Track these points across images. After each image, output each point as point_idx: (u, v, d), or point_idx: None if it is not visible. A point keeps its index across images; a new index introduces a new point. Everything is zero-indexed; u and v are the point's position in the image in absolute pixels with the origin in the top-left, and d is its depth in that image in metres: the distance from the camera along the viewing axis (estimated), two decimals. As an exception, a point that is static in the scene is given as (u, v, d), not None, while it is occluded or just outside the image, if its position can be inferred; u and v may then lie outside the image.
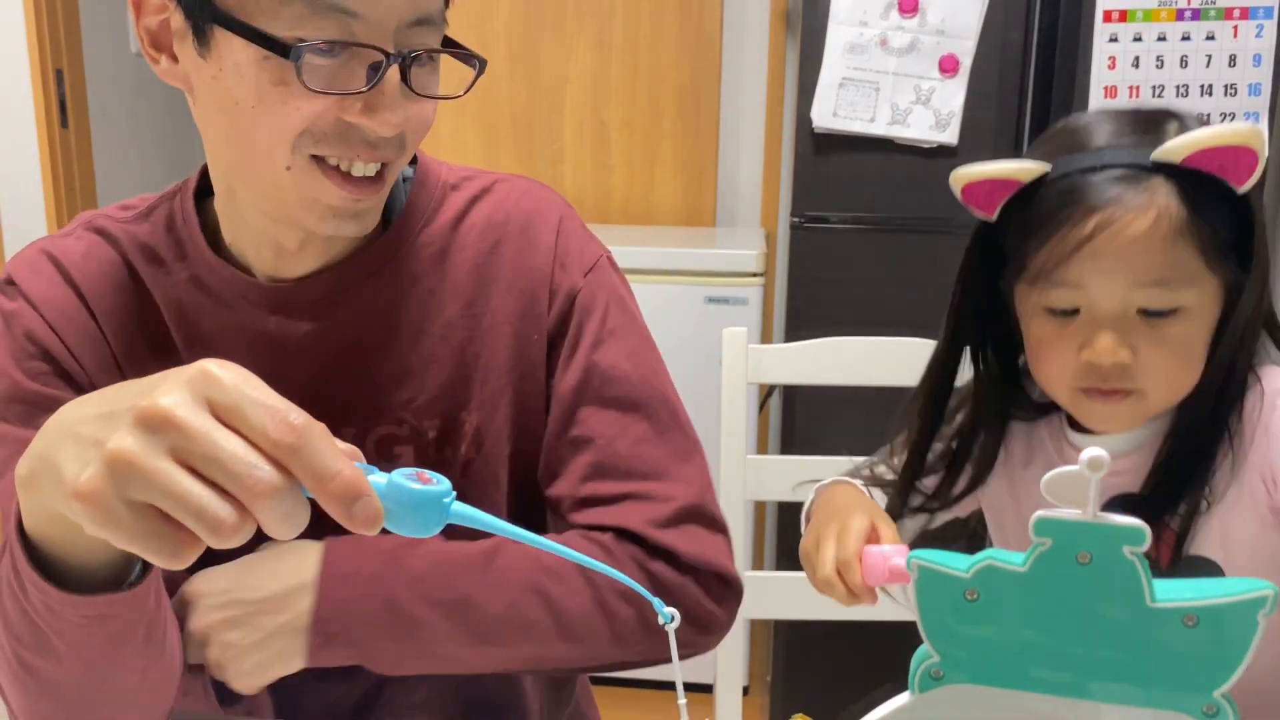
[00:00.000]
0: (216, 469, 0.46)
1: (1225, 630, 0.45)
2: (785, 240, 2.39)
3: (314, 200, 0.73)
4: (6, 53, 2.57)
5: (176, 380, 0.48)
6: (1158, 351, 0.80)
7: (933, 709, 0.49)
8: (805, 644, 2.03)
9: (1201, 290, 0.80)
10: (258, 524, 0.47)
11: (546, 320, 0.84)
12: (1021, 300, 0.86)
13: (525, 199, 0.87)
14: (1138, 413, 0.83)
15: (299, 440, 0.47)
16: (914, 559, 0.47)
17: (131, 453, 0.46)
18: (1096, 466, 0.42)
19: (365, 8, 0.68)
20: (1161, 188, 0.78)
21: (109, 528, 0.47)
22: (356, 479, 0.47)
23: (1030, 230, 0.81)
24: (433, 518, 0.48)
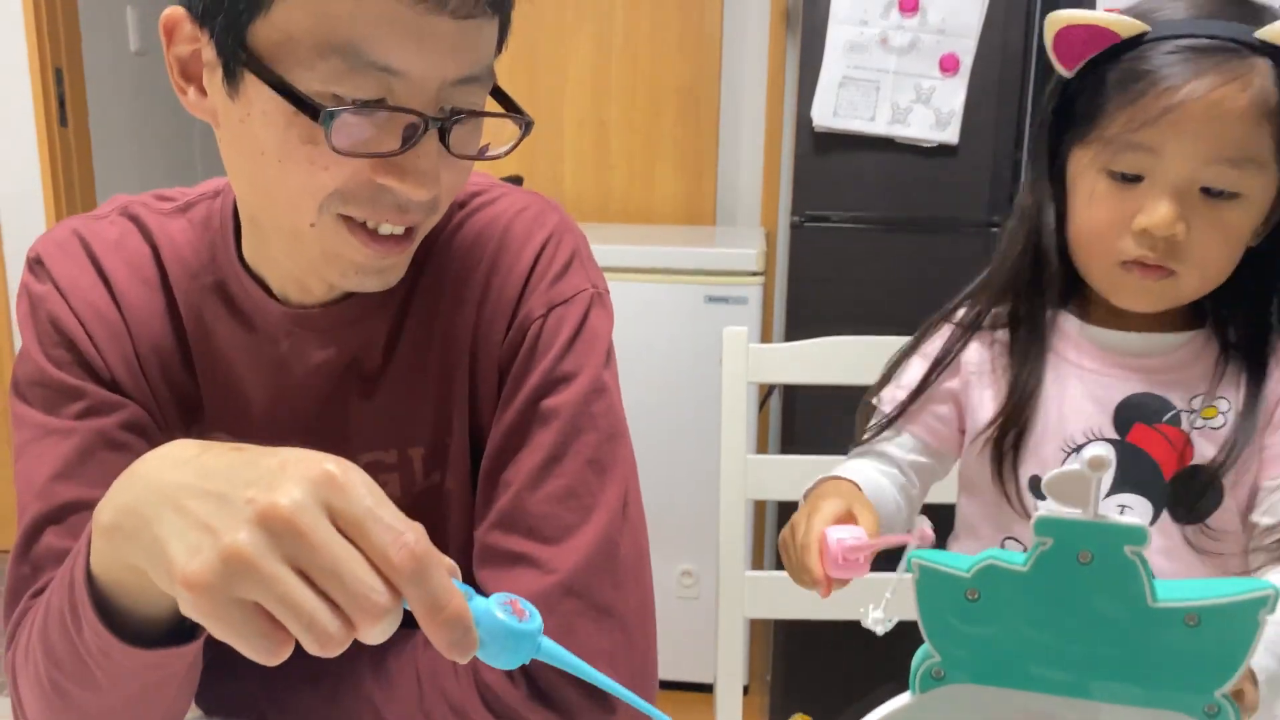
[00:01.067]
0: (334, 584, 0.46)
1: (1227, 630, 0.45)
2: (785, 239, 2.39)
3: (337, 255, 0.69)
4: (6, 52, 2.57)
5: (300, 478, 0.47)
6: (1209, 234, 0.80)
7: (933, 709, 0.49)
8: (805, 643, 2.03)
9: (1265, 180, 0.80)
10: None
11: (499, 348, 0.79)
12: (1081, 164, 0.85)
13: (520, 217, 0.81)
14: (1170, 295, 0.83)
15: (419, 569, 0.46)
16: (914, 559, 0.47)
17: (251, 555, 0.46)
18: (1098, 466, 0.42)
19: (409, 65, 0.63)
20: (1260, 66, 0.77)
21: (212, 620, 0.47)
22: (464, 612, 0.47)
23: (1115, 89, 0.80)
24: (521, 652, 0.49)
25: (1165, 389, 0.87)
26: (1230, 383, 0.86)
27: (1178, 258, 0.81)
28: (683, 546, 2.15)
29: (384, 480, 0.81)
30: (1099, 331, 0.90)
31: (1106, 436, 0.88)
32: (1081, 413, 0.89)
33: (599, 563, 0.75)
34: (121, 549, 0.54)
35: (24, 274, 0.80)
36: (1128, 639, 0.46)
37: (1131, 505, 0.88)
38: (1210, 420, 0.85)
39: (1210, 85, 0.77)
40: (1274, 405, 0.85)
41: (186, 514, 0.49)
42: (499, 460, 0.78)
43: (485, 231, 0.81)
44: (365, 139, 0.64)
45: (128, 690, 0.64)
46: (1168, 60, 0.78)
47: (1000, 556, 0.46)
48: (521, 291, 0.79)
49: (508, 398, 0.78)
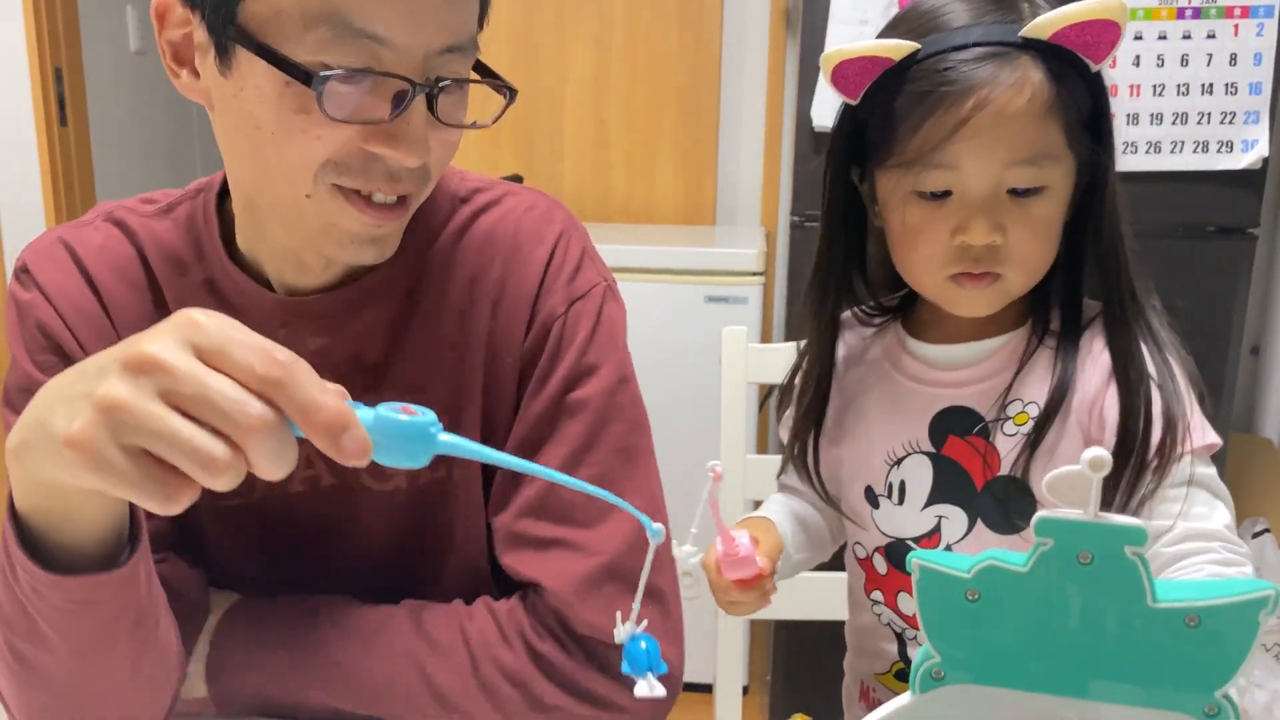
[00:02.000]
0: (206, 408, 0.47)
1: (1226, 630, 0.45)
2: (785, 239, 2.39)
3: (333, 225, 0.71)
4: (6, 51, 2.57)
5: (161, 328, 0.49)
6: (1024, 231, 0.81)
7: (933, 709, 0.49)
8: (805, 644, 2.03)
9: (1064, 169, 0.82)
10: (249, 465, 0.48)
11: (522, 343, 0.81)
12: (888, 188, 0.85)
13: (528, 215, 0.84)
14: (1001, 295, 0.84)
15: (285, 375, 0.47)
16: (915, 559, 0.47)
17: (121, 398, 0.47)
18: (1098, 466, 0.42)
19: (395, 34, 0.65)
20: (1031, 65, 0.78)
21: (102, 474, 0.48)
22: (343, 411, 0.48)
23: (903, 113, 0.81)
24: (420, 448, 0.49)
25: (976, 400, 0.88)
26: (1041, 383, 0.86)
27: (1001, 261, 0.82)
28: (683, 546, 2.14)
29: (390, 472, 0.82)
30: (918, 345, 0.92)
31: (924, 449, 0.90)
32: (902, 426, 0.91)
33: (638, 545, 0.76)
34: (29, 464, 0.55)
35: (10, 284, 0.81)
36: (1128, 639, 0.46)
37: (949, 516, 0.89)
38: (1022, 426, 0.85)
39: (993, 92, 0.77)
40: (1087, 408, 0.84)
41: (68, 397, 0.51)
42: (524, 452, 0.79)
43: (496, 230, 0.83)
44: (356, 106, 0.66)
45: (75, 641, 0.64)
46: (945, 77, 0.79)
47: (1000, 557, 0.46)
48: (539, 288, 0.81)
49: (534, 391, 0.80)
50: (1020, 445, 0.85)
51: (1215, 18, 1.72)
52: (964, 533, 0.88)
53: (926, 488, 0.89)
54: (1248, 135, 1.74)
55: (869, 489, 0.93)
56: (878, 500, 0.93)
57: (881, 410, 0.92)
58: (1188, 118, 1.75)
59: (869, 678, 1.00)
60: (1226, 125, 1.75)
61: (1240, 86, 1.73)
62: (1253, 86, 1.73)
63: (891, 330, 0.95)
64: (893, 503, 0.91)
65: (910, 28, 0.83)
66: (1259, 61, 1.72)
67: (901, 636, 0.95)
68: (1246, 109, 1.74)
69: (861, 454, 0.93)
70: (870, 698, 1.00)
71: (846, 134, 0.88)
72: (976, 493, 0.87)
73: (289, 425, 0.48)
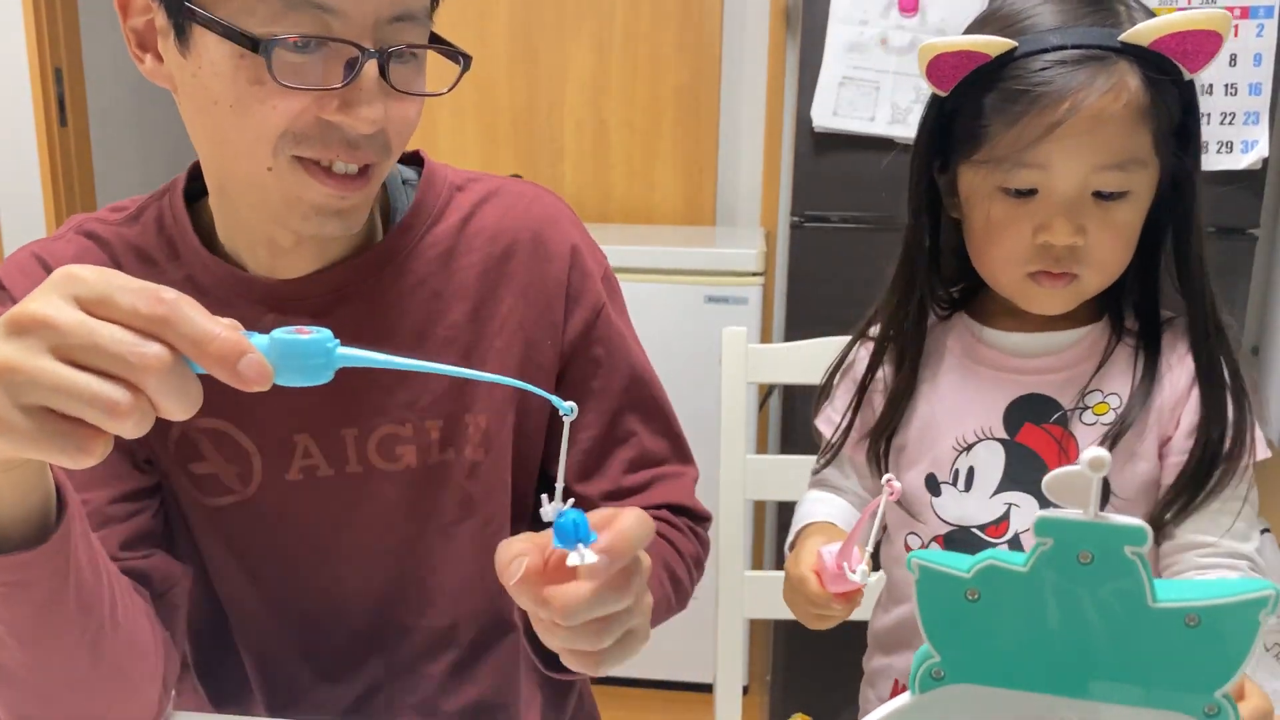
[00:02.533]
0: (98, 355, 0.47)
1: (1226, 630, 0.45)
2: (785, 239, 2.39)
3: (297, 199, 0.72)
4: (6, 51, 2.57)
5: (41, 288, 0.49)
6: (1105, 234, 0.82)
7: (933, 709, 0.49)
8: (805, 643, 2.03)
9: (1148, 175, 0.82)
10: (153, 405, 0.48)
11: (564, 328, 0.85)
12: (973, 183, 0.86)
13: (535, 205, 0.87)
14: (1076, 295, 0.85)
15: (170, 311, 0.47)
16: (915, 559, 0.47)
17: (11, 359, 0.47)
18: (1098, 466, 0.42)
19: (342, 3, 0.66)
20: (1128, 70, 0.79)
21: (7, 437, 0.48)
22: (236, 339, 0.48)
23: (995, 110, 0.81)
24: (320, 364, 0.50)
25: (1055, 389, 0.89)
26: (1123, 377, 0.88)
27: (1080, 262, 0.83)
28: (682, 546, 2.14)
29: (401, 451, 0.83)
30: (992, 333, 0.92)
31: (997, 436, 0.90)
32: (974, 413, 0.91)
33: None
34: None
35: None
36: (1128, 639, 0.46)
37: (1020, 504, 0.89)
38: (1102, 416, 0.87)
39: (1089, 97, 0.78)
40: (1169, 406, 0.87)
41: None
42: (610, 423, 0.89)
43: (507, 220, 0.85)
44: (308, 74, 0.68)
45: (19, 629, 0.64)
46: (1044, 77, 0.79)
47: (1000, 557, 0.46)
48: (568, 274, 0.86)
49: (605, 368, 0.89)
50: (1101, 435, 0.86)
51: (1215, 18, 1.72)
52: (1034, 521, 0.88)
53: (998, 475, 0.89)
54: (1248, 136, 1.74)
55: (930, 476, 0.93)
56: (939, 487, 0.92)
57: (952, 397, 0.92)
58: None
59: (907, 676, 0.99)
60: (1226, 126, 1.75)
61: (1240, 87, 1.73)
62: (1252, 87, 1.73)
63: (958, 320, 0.95)
64: (958, 489, 0.91)
65: (1000, 26, 0.83)
66: (1259, 62, 1.72)
67: None
68: (1246, 109, 1.74)
69: (926, 440, 0.93)
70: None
71: (933, 127, 0.88)
72: None
73: (187, 363, 0.48)
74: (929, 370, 0.94)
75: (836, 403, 1.00)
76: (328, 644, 0.88)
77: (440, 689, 0.89)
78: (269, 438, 0.81)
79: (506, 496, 0.87)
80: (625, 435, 0.90)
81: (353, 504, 0.84)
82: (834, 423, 0.99)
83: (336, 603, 0.86)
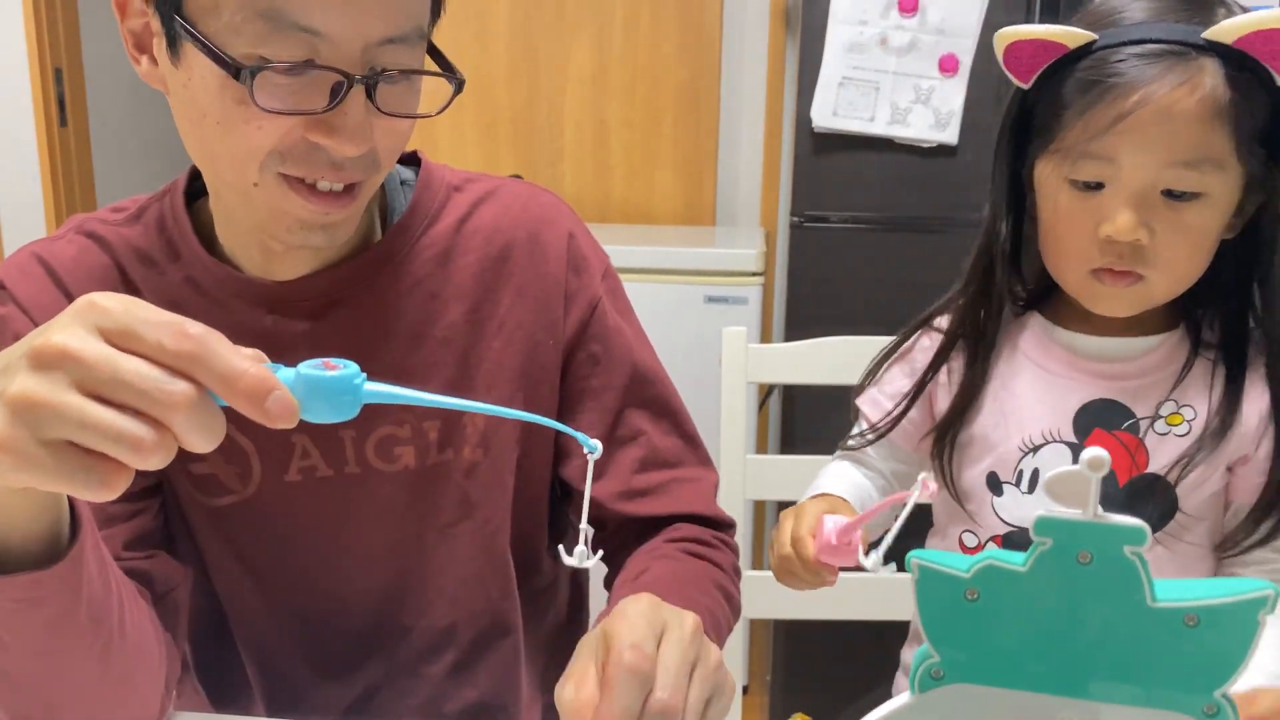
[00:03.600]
0: (124, 390, 0.46)
1: (1226, 630, 0.45)
2: (785, 239, 2.39)
3: (282, 213, 0.72)
4: (6, 51, 2.57)
5: (63, 317, 0.48)
6: (1174, 236, 0.80)
7: (933, 709, 0.49)
8: (805, 643, 2.03)
9: (1226, 178, 0.79)
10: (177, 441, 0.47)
11: (563, 326, 0.85)
12: (1045, 175, 0.85)
13: (532, 205, 0.87)
14: (1142, 298, 0.83)
15: (199, 347, 0.47)
16: (914, 559, 0.47)
17: (35, 392, 0.46)
18: (1097, 466, 0.42)
19: (330, 27, 0.65)
20: (1208, 67, 0.77)
21: (30, 471, 0.47)
22: (264, 375, 0.47)
23: (1069, 100, 0.80)
24: (347, 402, 0.49)
25: (1129, 395, 0.87)
26: (1200, 390, 0.86)
27: (1145, 262, 0.81)
28: (682, 546, 2.14)
29: (399, 452, 0.83)
30: (1066, 334, 0.91)
31: (1065, 439, 0.89)
32: (1042, 414, 0.90)
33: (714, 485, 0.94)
34: None
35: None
36: (1127, 639, 0.46)
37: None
38: (1175, 427, 0.85)
39: (1159, 90, 0.76)
40: (1251, 429, 0.85)
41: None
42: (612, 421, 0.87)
43: (503, 220, 0.85)
44: (292, 98, 0.67)
45: (30, 642, 0.63)
46: (1117, 69, 0.78)
47: (999, 557, 0.46)
48: (565, 272, 0.85)
49: (604, 365, 0.87)
50: (1173, 447, 0.84)
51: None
52: None
53: None
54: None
55: (993, 475, 0.91)
56: (1001, 487, 0.91)
57: (1023, 397, 0.91)
58: None
59: None
60: None
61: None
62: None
63: (1033, 318, 0.93)
64: (1020, 490, 0.90)
65: (1091, 21, 0.83)
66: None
67: None
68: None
69: (992, 439, 0.92)
70: None
71: (1015, 119, 0.87)
72: (1118, 488, 0.86)
73: (210, 395, 0.47)
74: (999, 367, 0.93)
75: (886, 386, 0.98)
76: (327, 644, 0.88)
77: (440, 690, 0.89)
78: (268, 438, 0.81)
79: (506, 498, 0.87)
80: (632, 434, 0.88)
81: (352, 504, 0.84)
82: (880, 404, 0.98)
83: (336, 603, 0.86)
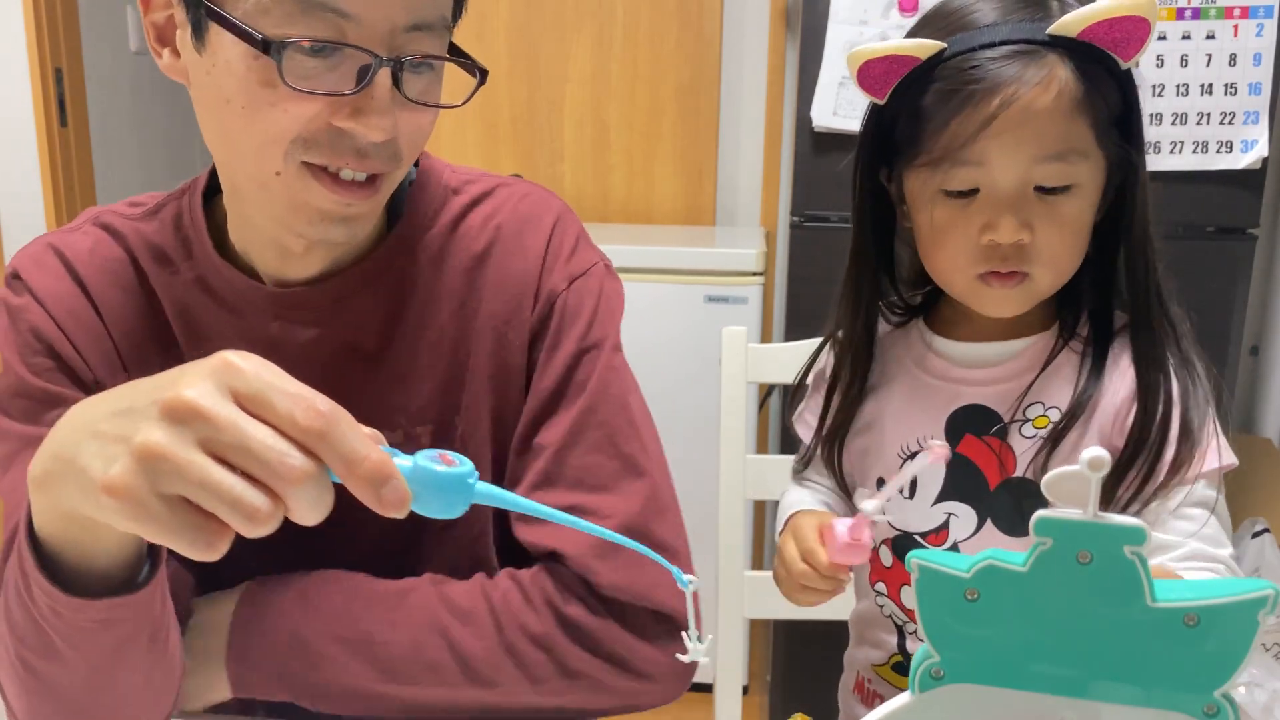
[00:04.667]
0: (247, 458, 0.46)
1: (1226, 630, 0.45)
2: (785, 239, 2.39)
3: (303, 204, 0.71)
4: (6, 52, 2.57)
5: (199, 372, 0.48)
6: (1053, 229, 0.81)
7: (933, 709, 0.49)
8: (805, 643, 2.03)
9: (1092, 166, 0.81)
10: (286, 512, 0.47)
11: (528, 324, 0.82)
12: (915, 188, 0.85)
13: (523, 203, 0.85)
14: (1030, 295, 0.84)
15: (327, 426, 0.47)
16: (914, 559, 0.47)
17: (161, 445, 0.46)
18: (1097, 466, 0.42)
19: (358, 9, 0.65)
20: (1058, 62, 0.78)
21: (142, 522, 0.47)
22: (385, 462, 0.47)
23: (929, 111, 0.81)
24: (458, 499, 0.49)
25: (996, 399, 0.88)
26: (1065, 389, 0.86)
27: (1028, 260, 0.81)
28: (682, 546, 2.14)
29: None
30: (941, 342, 0.92)
31: None
32: (919, 421, 0.91)
33: (653, 506, 0.79)
34: (55, 495, 0.55)
35: (1, 290, 0.81)
36: (1127, 639, 0.46)
37: (958, 514, 0.89)
38: (1041, 430, 0.85)
39: (1020, 90, 0.77)
40: (1111, 418, 0.84)
41: (101, 435, 0.50)
42: (533, 427, 0.81)
43: (492, 219, 0.84)
44: (320, 79, 0.67)
45: (91, 658, 0.65)
46: (972, 75, 0.78)
47: (1000, 556, 0.46)
48: (540, 270, 0.82)
49: (543, 368, 0.81)
50: (1038, 448, 0.85)
51: (1215, 18, 1.72)
52: (972, 531, 0.89)
53: (938, 484, 0.89)
54: (1247, 135, 1.74)
55: (880, 481, 0.93)
56: None
57: (900, 404, 0.93)
58: (1187, 118, 1.75)
59: (866, 669, 1.00)
60: (1226, 125, 1.75)
61: (1240, 87, 1.73)
62: (1252, 87, 1.73)
63: (914, 327, 0.95)
64: (903, 496, 0.91)
65: (938, 27, 0.83)
66: (1258, 62, 1.72)
67: (902, 629, 0.95)
68: (1246, 109, 1.74)
69: (877, 446, 0.94)
70: (865, 689, 1.00)
71: (873, 134, 0.87)
72: (989, 492, 0.87)
73: (327, 472, 0.48)
74: (881, 377, 0.94)
75: (811, 403, 1.00)
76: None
77: None
78: None
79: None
80: (540, 445, 0.81)
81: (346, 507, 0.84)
82: (808, 424, 1.00)
83: None
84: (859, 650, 1.02)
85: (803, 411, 1.01)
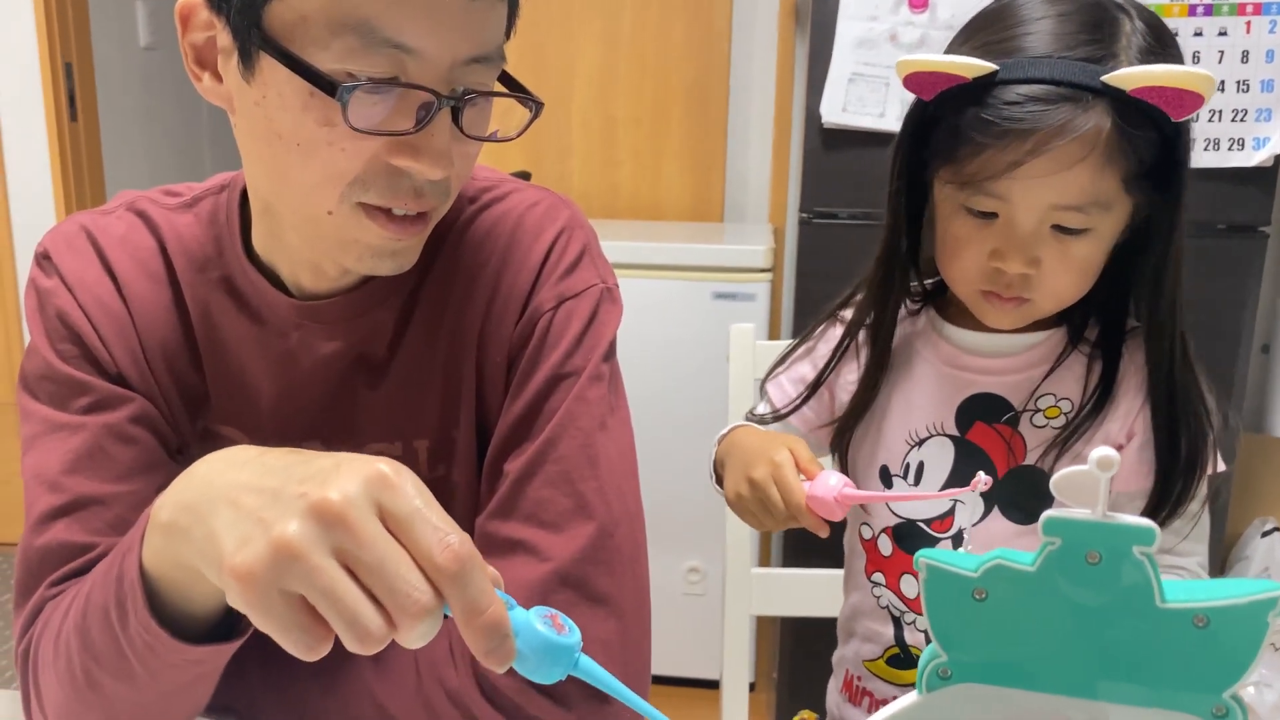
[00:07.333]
0: (379, 580, 0.46)
1: (1235, 631, 0.44)
2: (794, 236, 2.39)
3: (354, 240, 0.69)
4: (16, 46, 2.58)
5: (353, 476, 0.47)
6: (1059, 266, 0.82)
7: (940, 708, 0.49)
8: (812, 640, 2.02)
9: (1114, 214, 0.82)
10: None
11: (509, 341, 0.79)
12: (943, 195, 0.87)
13: (531, 212, 0.81)
14: (1028, 315, 0.87)
15: (462, 571, 0.47)
16: (921, 558, 0.47)
17: (300, 546, 0.46)
18: (1106, 466, 0.42)
19: (423, 44, 0.63)
20: (1103, 111, 0.77)
21: (256, 610, 0.47)
22: (503, 619, 0.47)
23: (967, 134, 0.81)
24: (559, 667, 0.49)
25: (1008, 389, 0.89)
26: (1076, 383, 0.88)
27: (1031, 289, 0.83)
28: (689, 543, 2.15)
29: None
30: (954, 330, 0.93)
31: (948, 432, 0.91)
32: (928, 408, 0.92)
33: (594, 552, 0.74)
34: (177, 545, 0.54)
35: (32, 268, 0.81)
36: (1136, 640, 0.45)
37: (965, 501, 0.90)
38: (1052, 420, 0.88)
39: (1054, 139, 0.77)
40: (1120, 418, 0.87)
41: (241, 508, 0.49)
42: (503, 452, 0.78)
43: (497, 226, 0.81)
44: (380, 118, 0.65)
45: (164, 686, 0.65)
46: (1012, 113, 0.78)
47: (1008, 556, 0.46)
48: (532, 285, 0.79)
49: (515, 391, 0.78)
50: (1049, 438, 0.87)
51: (1227, 14, 1.71)
52: (978, 518, 0.89)
53: (945, 471, 0.90)
54: (1259, 133, 1.73)
55: (884, 468, 0.94)
56: (891, 480, 0.94)
57: (909, 391, 0.93)
58: (1199, 115, 1.74)
59: (856, 666, 1.00)
60: (1238, 123, 1.74)
61: (1252, 84, 1.72)
62: (1264, 84, 1.72)
63: (925, 314, 0.96)
64: (908, 483, 0.92)
65: (990, 39, 0.83)
66: (1271, 58, 1.71)
67: (899, 620, 0.95)
68: (1258, 106, 1.73)
69: (882, 432, 0.94)
70: (853, 687, 1.00)
71: (915, 128, 0.88)
72: (998, 479, 0.88)
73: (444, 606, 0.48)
74: (892, 362, 0.95)
75: (792, 372, 1.01)
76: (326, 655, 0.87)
77: None
78: None
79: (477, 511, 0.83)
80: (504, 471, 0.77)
81: None
82: (784, 390, 1.01)
83: None
84: (848, 648, 1.02)
85: (779, 375, 1.02)
